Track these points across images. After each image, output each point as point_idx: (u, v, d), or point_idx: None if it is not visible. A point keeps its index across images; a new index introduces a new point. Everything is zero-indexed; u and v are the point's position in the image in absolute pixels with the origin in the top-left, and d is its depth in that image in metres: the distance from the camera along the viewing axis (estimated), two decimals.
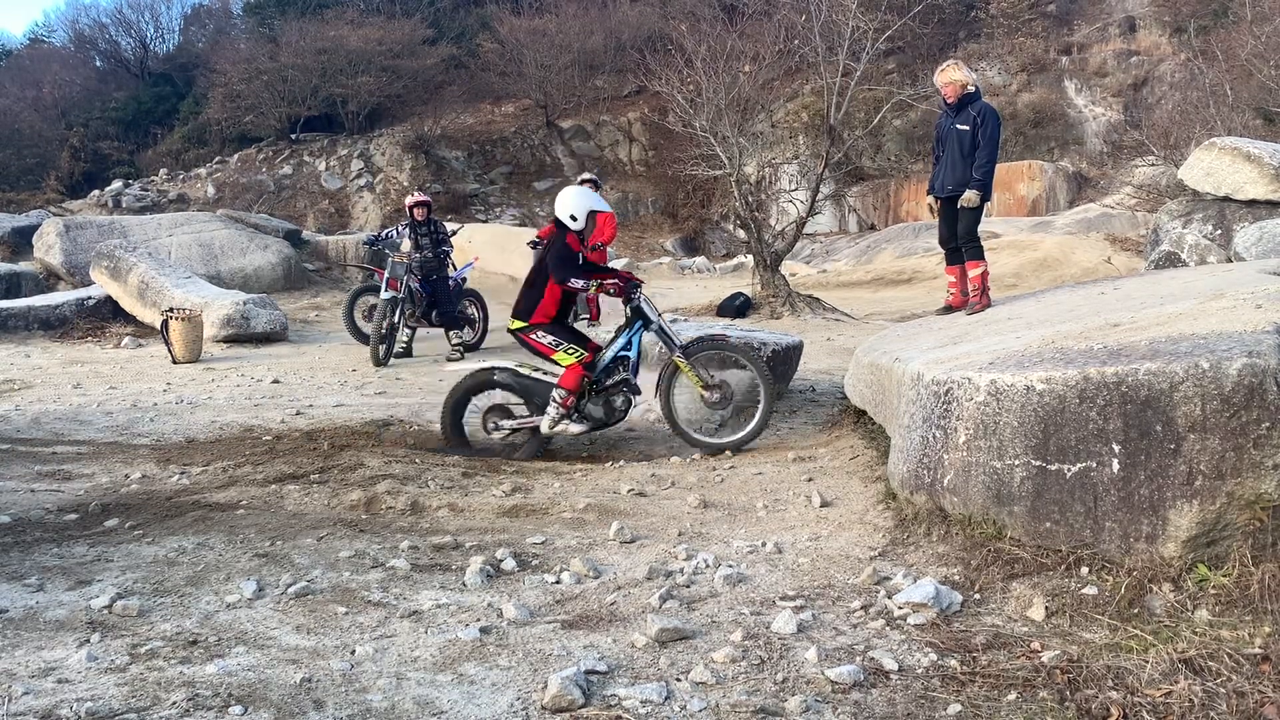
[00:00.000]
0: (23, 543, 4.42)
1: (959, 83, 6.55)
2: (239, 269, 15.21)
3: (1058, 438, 3.73)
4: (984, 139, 6.45)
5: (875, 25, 13.55)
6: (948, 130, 6.66)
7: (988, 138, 6.45)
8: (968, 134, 6.51)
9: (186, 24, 36.88)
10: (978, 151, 6.49)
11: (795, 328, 11.51)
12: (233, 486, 5.42)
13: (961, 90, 6.55)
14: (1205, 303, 4.49)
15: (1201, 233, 10.74)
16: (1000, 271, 16.73)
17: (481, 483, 5.59)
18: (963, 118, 6.55)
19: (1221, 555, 3.44)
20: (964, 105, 6.56)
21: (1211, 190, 10.69)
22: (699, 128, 14.18)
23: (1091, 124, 26.38)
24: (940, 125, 6.79)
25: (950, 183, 6.64)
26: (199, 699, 2.86)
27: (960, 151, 6.55)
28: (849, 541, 4.43)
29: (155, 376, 9.05)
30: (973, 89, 6.61)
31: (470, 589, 3.90)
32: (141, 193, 26.18)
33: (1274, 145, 10.81)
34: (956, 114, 6.59)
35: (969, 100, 6.57)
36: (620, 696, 2.94)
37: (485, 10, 31.03)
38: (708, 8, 20.51)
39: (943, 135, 6.73)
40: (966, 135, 6.51)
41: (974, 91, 6.63)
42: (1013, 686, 2.94)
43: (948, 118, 6.68)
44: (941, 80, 6.66)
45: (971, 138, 6.50)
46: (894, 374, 5.19)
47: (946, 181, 6.67)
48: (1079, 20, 28.88)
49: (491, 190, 28.05)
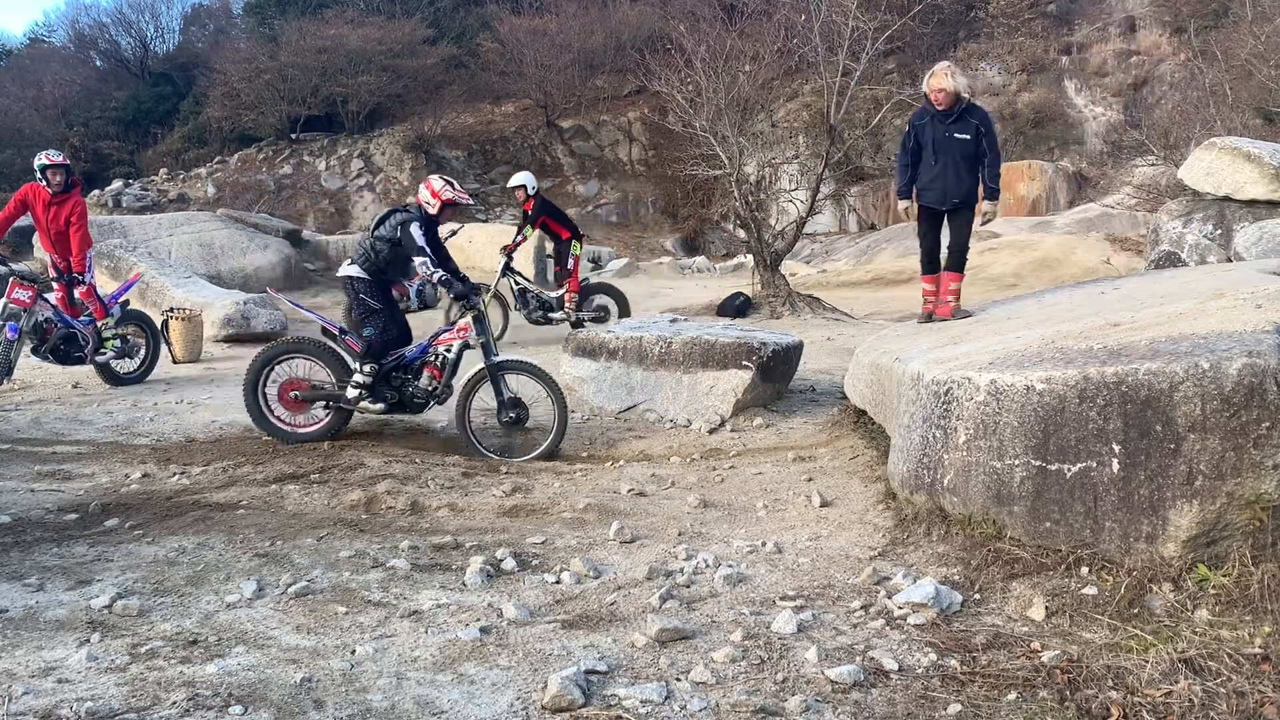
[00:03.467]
0: (23, 543, 4.42)
1: (952, 91, 6.24)
2: (239, 269, 15.22)
3: (1058, 438, 3.73)
4: (989, 146, 6.28)
5: (875, 25, 13.54)
6: (941, 138, 6.32)
7: (994, 145, 6.29)
8: (970, 143, 6.26)
9: (186, 24, 36.89)
10: (988, 160, 6.28)
11: (795, 328, 11.50)
12: (233, 486, 5.42)
13: (955, 99, 6.26)
14: (1205, 302, 4.49)
15: (1201, 233, 10.74)
16: (1000, 271, 16.75)
17: (481, 483, 5.59)
18: (963, 126, 6.27)
19: (1221, 555, 3.45)
20: (963, 114, 6.29)
21: (1211, 190, 10.70)
22: (699, 128, 14.18)
23: (1091, 124, 26.39)
24: (922, 129, 6.41)
25: (956, 195, 6.35)
26: (199, 699, 2.86)
27: (961, 161, 6.29)
28: (849, 541, 4.43)
29: (155, 376, 9.04)
30: (967, 97, 6.34)
31: (470, 589, 3.90)
32: (141, 192, 26.18)
33: (1274, 145, 10.82)
34: (955, 121, 6.29)
35: (968, 109, 6.31)
36: (620, 696, 2.94)
37: (485, 10, 31.02)
38: (708, 8, 20.48)
39: (934, 142, 6.35)
40: (969, 144, 6.27)
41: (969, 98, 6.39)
42: (1013, 686, 2.94)
43: (939, 123, 6.34)
44: (933, 85, 6.31)
45: (974, 147, 6.27)
46: (894, 374, 5.19)
47: (951, 194, 6.35)
48: (1079, 20, 28.87)
49: (491, 190, 28.03)
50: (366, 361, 6.40)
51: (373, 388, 6.41)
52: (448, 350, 6.53)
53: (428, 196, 6.53)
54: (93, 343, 8.39)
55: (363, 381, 6.37)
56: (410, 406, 6.55)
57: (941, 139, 6.34)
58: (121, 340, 8.69)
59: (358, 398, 6.39)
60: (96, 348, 8.43)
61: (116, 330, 8.64)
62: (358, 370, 6.41)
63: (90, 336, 8.38)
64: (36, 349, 8.21)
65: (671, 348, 7.36)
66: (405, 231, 6.35)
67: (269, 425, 6.47)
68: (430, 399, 6.54)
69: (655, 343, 7.43)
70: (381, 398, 6.44)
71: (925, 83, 6.46)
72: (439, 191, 6.52)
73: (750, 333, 7.94)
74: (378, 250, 6.47)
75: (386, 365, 6.48)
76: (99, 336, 8.47)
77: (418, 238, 6.34)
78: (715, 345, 7.28)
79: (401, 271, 6.69)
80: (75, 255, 8.38)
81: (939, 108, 6.31)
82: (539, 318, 11.00)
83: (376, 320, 6.44)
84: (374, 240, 6.51)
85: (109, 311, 8.63)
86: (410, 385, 6.51)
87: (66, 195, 8.40)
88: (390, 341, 6.50)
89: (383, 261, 6.49)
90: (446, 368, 6.53)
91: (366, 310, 6.46)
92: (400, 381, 6.51)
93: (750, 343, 7.34)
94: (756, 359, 7.24)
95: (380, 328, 6.44)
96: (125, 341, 8.76)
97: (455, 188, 6.60)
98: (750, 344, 7.32)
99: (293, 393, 6.48)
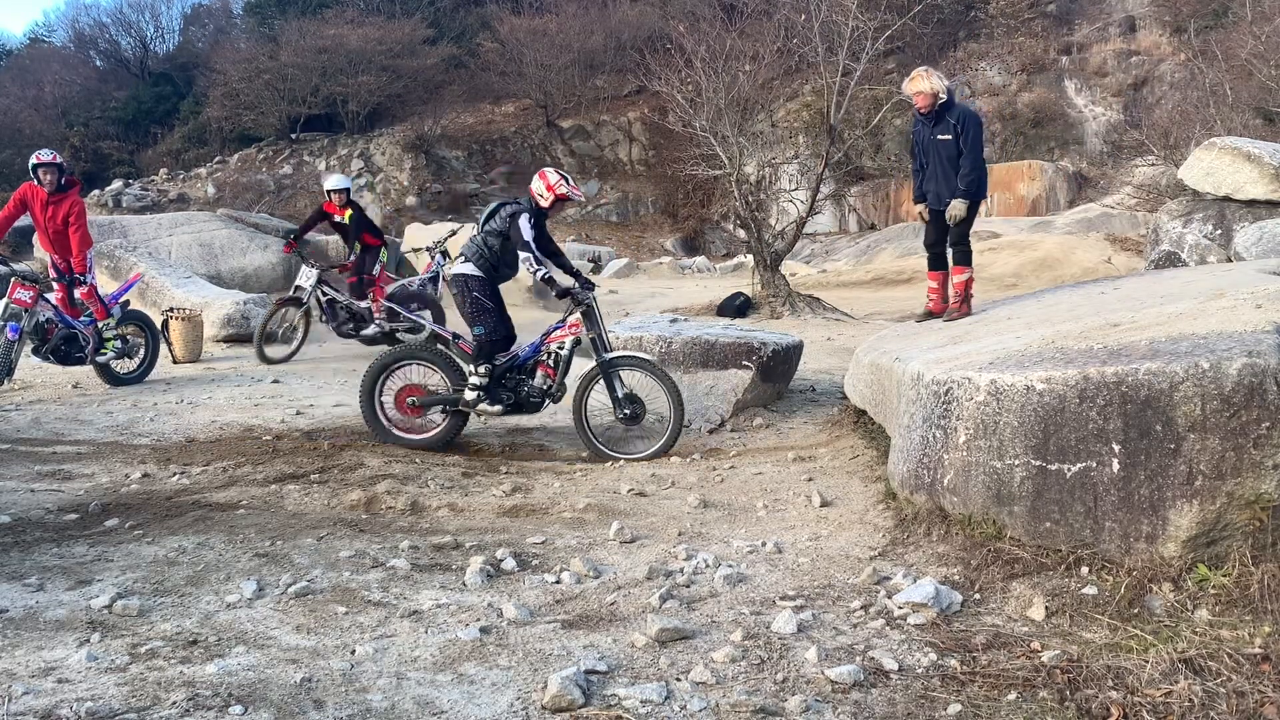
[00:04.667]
0: (23, 543, 4.42)
1: (929, 93, 6.33)
2: (239, 269, 15.21)
3: (1058, 438, 3.73)
4: (966, 146, 6.30)
5: (875, 25, 13.55)
6: (928, 141, 6.47)
7: (969, 145, 6.30)
8: (951, 143, 6.34)
9: (186, 24, 36.94)
10: (961, 159, 6.33)
11: (795, 328, 11.51)
12: (233, 486, 5.42)
13: (934, 100, 6.35)
14: (1205, 303, 4.49)
15: (1201, 233, 10.74)
16: (1000, 271, 16.74)
17: (481, 483, 5.59)
18: (942, 128, 6.37)
19: (1221, 555, 3.45)
20: (941, 114, 6.37)
21: (1211, 190, 10.69)
22: (699, 128, 14.19)
23: (1091, 124, 26.40)
24: (918, 135, 6.60)
25: (946, 195, 6.45)
26: (199, 699, 2.86)
27: (946, 162, 6.39)
28: (849, 541, 4.43)
29: (155, 376, 9.05)
30: (945, 97, 6.39)
31: (470, 589, 3.90)
32: (142, 192, 26.20)
33: (1274, 145, 10.82)
34: (935, 124, 6.40)
35: (946, 108, 6.39)
36: (620, 696, 2.94)
37: (485, 10, 31.04)
38: (708, 7, 20.49)
39: (923, 145, 6.53)
40: (950, 145, 6.34)
41: (948, 99, 6.44)
42: (1013, 686, 2.94)
43: (925, 127, 6.48)
44: (911, 89, 6.44)
45: (955, 147, 6.34)
46: (894, 374, 5.19)
47: (942, 194, 6.47)
48: (1079, 20, 28.90)
49: (491, 190, 28.04)
50: (480, 362, 6.32)
51: (489, 389, 6.34)
52: (560, 347, 6.46)
53: (541, 189, 6.41)
54: (93, 343, 8.38)
55: (478, 383, 6.30)
56: (527, 407, 6.48)
57: (928, 142, 6.50)
58: (122, 340, 8.67)
59: (476, 399, 6.31)
60: (97, 348, 8.41)
61: (117, 330, 8.63)
62: (472, 372, 6.33)
63: (91, 337, 8.36)
64: (37, 349, 8.19)
65: (671, 347, 7.36)
66: (514, 224, 6.24)
67: (385, 432, 6.36)
68: (546, 398, 6.46)
69: (655, 342, 7.43)
70: (498, 399, 6.36)
71: (904, 88, 6.58)
72: (554, 185, 6.40)
73: (750, 333, 7.94)
74: (490, 245, 6.35)
75: (500, 366, 6.41)
76: (99, 337, 8.45)
77: (525, 231, 6.24)
78: (715, 345, 7.29)
79: (512, 268, 6.49)
80: (75, 255, 8.38)
81: (920, 111, 6.47)
82: (348, 330, 10.42)
83: (488, 319, 6.34)
84: (485, 235, 6.39)
85: (110, 312, 8.62)
86: (525, 385, 6.44)
87: (64, 195, 8.37)
88: (500, 342, 6.43)
89: (495, 257, 6.36)
90: (560, 365, 6.45)
91: (479, 309, 6.34)
92: (515, 382, 6.44)
93: (750, 343, 7.35)
94: (756, 359, 7.24)
95: (491, 326, 6.34)
96: (125, 341, 8.73)
97: (570, 182, 6.47)
98: (750, 344, 7.32)
99: (410, 399, 6.41)
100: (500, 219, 6.37)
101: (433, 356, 6.52)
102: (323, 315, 10.50)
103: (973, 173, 6.34)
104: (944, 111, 6.39)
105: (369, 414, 6.37)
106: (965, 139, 6.31)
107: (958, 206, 6.39)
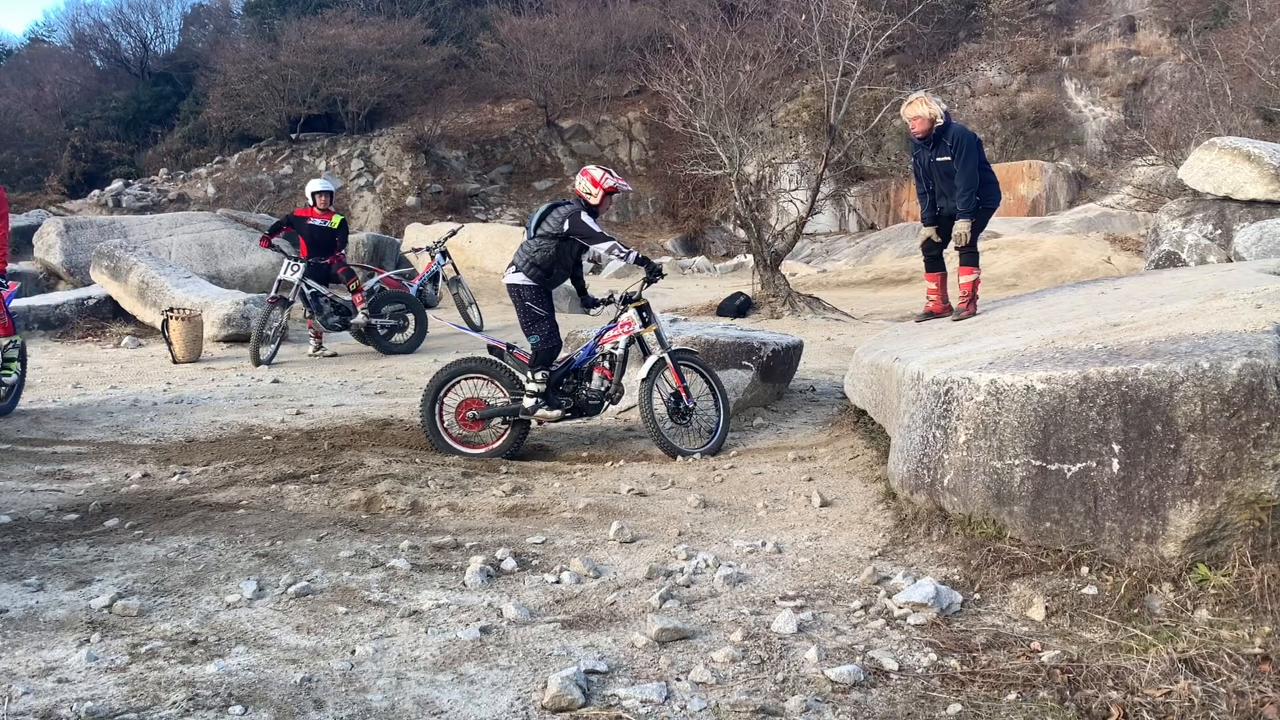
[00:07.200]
0: (23, 543, 4.42)
1: (926, 118, 6.41)
2: (239, 269, 15.20)
3: (1058, 438, 3.73)
4: (960, 165, 6.36)
5: (875, 25, 13.57)
6: (929, 164, 6.55)
7: (961, 163, 6.36)
8: (950, 164, 6.41)
9: (186, 24, 36.96)
10: (955, 179, 6.40)
11: (795, 328, 11.51)
12: (233, 486, 5.42)
13: (930, 125, 6.42)
14: (1205, 302, 4.49)
15: (1201, 233, 10.74)
16: (1000, 271, 16.75)
17: (481, 483, 5.59)
18: (941, 150, 6.44)
19: (1221, 555, 3.44)
20: (939, 137, 6.44)
21: (1211, 190, 10.69)
22: (699, 128, 14.19)
23: (1091, 124, 26.40)
24: (918, 159, 6.67)
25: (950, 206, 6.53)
26: (199, 699, 2.86)
27: (949, 181, 6.45)
28: (849, 541, 4.43)
29: (155, 376, 9.05)
30: (942, 120, 6.45)
31: (470, 589, 3.90)
32: (141, 192, 26.21)
33: (1274, 145, 10.81)
34: (934, 147, 6.47)
35: (942, 130, 6.44)
36: (620, 696, 2.94)
37: (485, 10, 31.05)
38: (708, 7, 20.50)
39: (925, 169, 6.60)
40: (950, 165, 6.41)
41: (945, 121, 6.48)
42: (1013, 686, 2.94)
43: (924, 151, 6.55)
44: (909, 115, 6.52)
45: (954, 167, 6.41)
46: (894, 374, 5.19)
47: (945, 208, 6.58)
48: (1079, 20, 28.91)
49: (491, 190, 28.05)
50: (537, 369, 6.33)
51: (547, 395, 6.34)
52: (614, 348, 6.45)
53: (588, 186, 6.37)
54: None
55: (536, 390, 6.30)
56: (586, 410, 6.48)
57: (929, 165, 6.58)
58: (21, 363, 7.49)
59: (535, 406, 6.30)
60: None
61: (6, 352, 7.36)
62: (529, 379, 6.33)
63: None
64: None
65: None
66: (577, 222, 6.21)
67: (448, 448, 6.32)
68: (604, 399, 6.46)
69: None
70: (557, 405, 6.37)
71: (903, 112, 6.65)
72: (599, 180, 6.36)
73: (750, 333, 7.94)
74: (542, 250, 6.30)
75: (557, 372, 6.41)
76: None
77: (593, 225, 6.22)
78: (715, 345, 7.28)
79: (566, 271, 6.47)
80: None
81: (917, 136, 6.54)
82: (335, 322, 10.43)
83: (541, 327, 6.33)
84: (538, 241, 6.33)
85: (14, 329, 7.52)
86: (583, 389, 6.43)
87: None
88: (555, 348, 6.43)
89: (548, 263, 6.32)
90: (616, 366, 6.44)
91: (533, 317, 6.33)
92: (572, 386, 6.45)
93: (750, 343, 7.35)
94: (756, 359, 7.24)
95: (545, 334, 6.34)
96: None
97: (614, 175, 6.44)
98: (750, 344, 7.33)
99: (469, 412, 6.40)
100: (553, 221, 6.30)
101: (489, 368, 6.52)
102: (308, 310, 10.44)
103: (965, 192, 6.39)
104: (941, 134, 6.46)
105: (431, 431, 6.36)
106: (958, 159, 6.37)
107: (960, 228, 6.45)
